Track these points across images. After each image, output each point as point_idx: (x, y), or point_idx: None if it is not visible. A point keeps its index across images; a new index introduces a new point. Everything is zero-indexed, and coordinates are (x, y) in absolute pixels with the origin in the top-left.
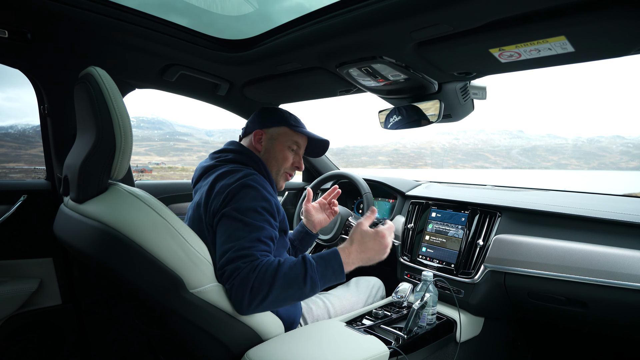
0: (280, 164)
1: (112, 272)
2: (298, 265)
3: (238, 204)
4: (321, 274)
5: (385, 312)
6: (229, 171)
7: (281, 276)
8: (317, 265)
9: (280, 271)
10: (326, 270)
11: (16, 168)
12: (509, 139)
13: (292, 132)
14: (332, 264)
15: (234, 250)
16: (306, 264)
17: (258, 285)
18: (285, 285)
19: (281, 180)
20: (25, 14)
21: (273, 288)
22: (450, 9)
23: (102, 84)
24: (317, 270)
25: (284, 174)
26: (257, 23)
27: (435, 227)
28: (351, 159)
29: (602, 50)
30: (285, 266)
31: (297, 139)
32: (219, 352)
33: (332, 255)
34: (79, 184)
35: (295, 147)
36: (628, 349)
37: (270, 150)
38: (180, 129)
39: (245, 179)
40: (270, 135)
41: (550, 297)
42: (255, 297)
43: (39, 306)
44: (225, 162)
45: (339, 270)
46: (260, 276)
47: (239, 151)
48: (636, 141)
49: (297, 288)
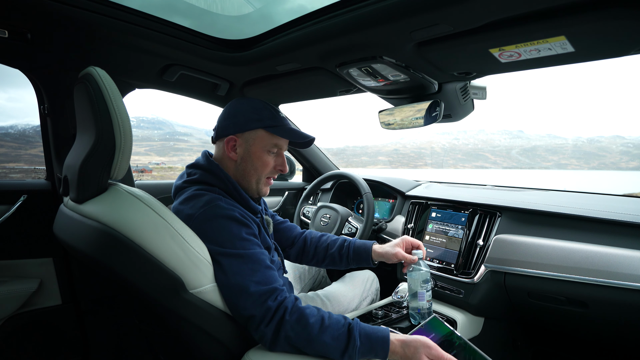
0: (260, 172)
1: (111, 273)
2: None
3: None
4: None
5: (385, 312)
6: (190, 197)
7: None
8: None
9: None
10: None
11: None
12: (509, 139)
13: (270, 134)
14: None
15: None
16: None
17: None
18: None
19: (263, 187)
20: (25, 14)
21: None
22: (450, 9)
23: (102, 84)
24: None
25: (265, 180)
26: (257, 23)
27: (435, 227)
28: (351, 159)
29: (602, 50)
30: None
31: (276, 141)
32: (219, 352)
33: (380, 340)
34: (79, 184)
35: (276, 149)
36: (628, 349)
37: (247, 158)
38: (180, 129)
39: (207, 208)
40: (245, 140)
41: (550, 297)
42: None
43: (39, 306)
44: (191, 184)
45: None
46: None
47: (207, 168)
48: (636, 141)
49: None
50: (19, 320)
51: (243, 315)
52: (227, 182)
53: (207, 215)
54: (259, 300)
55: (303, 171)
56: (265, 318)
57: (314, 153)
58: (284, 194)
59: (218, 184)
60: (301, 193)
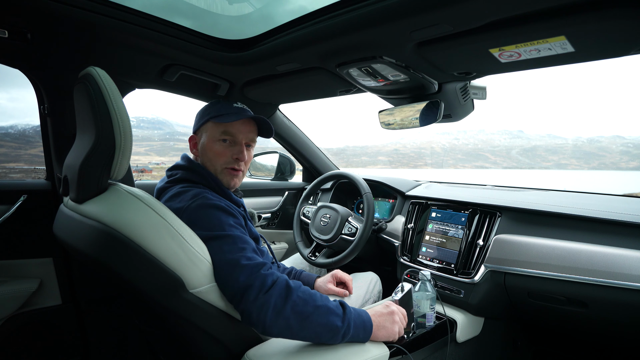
0: (214, 162)
1: (111, 272)
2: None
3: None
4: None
5: None
6: (176, 194)
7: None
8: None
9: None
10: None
11: (16, 168)
12: (509, 139)
13: (216, 124)
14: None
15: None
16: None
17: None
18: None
19: (226, 177)
20: (25, 14)
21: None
22: (450, 9)
23: (102, 84)
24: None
25: (224, 170)
26: (258, 23)
27: (435, 227)
28: (351, 159)
29: (602, 50)
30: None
31: (225, 129)
32: (219, 352)
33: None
34: (79, 184)
35: (226, 136)
36: (628, 349)
37: (202, 151)
38: (180, 129)
39: (196, 200)
40: (200, 135)
41: (550, 297)
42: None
43: (39, 306)
44: (174, 183)
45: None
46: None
47: (188, 167)
48: (636, 141)
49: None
50: (19, 320)
51: (240, 288)
52: (209, 178)
53: (197, 206)
54: (253, 270)
55: (303, 171)
56: (264, 285)
57: (314, 153)
58: (284, 194)
59: (201, 180)
60: (301, 193)
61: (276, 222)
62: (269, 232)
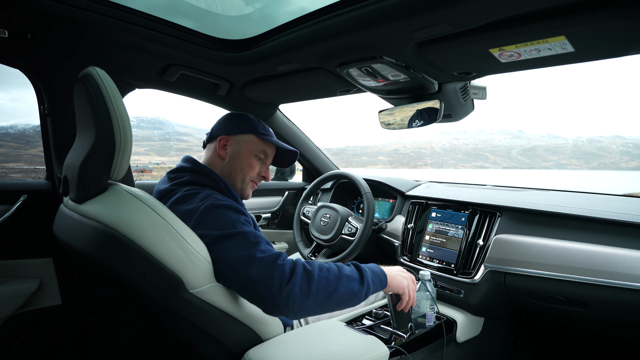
0: (245, 172)
1: (111, 272)
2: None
3: (213, 225)
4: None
5: (385, 312)
6: (184, 196)
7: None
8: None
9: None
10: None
11: (16, 168)
12: (509, 139)
13: (260, 140)
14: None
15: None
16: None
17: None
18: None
19: (247, 188)
20: (25, 14)
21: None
22: (450, 9)
23: (102, 84)
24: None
25: (249, 182)
26: (258, 23)
27: (435, 227)
28: (351, 159)
29: (602, 50)
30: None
31: (264, 148)
32: (219, 352)
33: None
34: (79, 184)
35: (263, 156)
36: (628, 349)
37: (236, 157)
38: (180, 129)
39: (206, 201)
40: (236, 142)
41: (550, 297)
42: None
43: (39, 306)
44: (180, 185)
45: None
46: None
47: (195, 170)
48: (636, 141)
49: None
50: (19, 320)
51: (260, 281)
52: (218, 181)
53: (207, 206)
54: (269, 261)
55: (303, 171)
56: (284, 276)
57: (314, 153)
58: (284, 194)
59: (210, 183)
60: (301, 193)
61: (276, 222)
62: (269, 232)
